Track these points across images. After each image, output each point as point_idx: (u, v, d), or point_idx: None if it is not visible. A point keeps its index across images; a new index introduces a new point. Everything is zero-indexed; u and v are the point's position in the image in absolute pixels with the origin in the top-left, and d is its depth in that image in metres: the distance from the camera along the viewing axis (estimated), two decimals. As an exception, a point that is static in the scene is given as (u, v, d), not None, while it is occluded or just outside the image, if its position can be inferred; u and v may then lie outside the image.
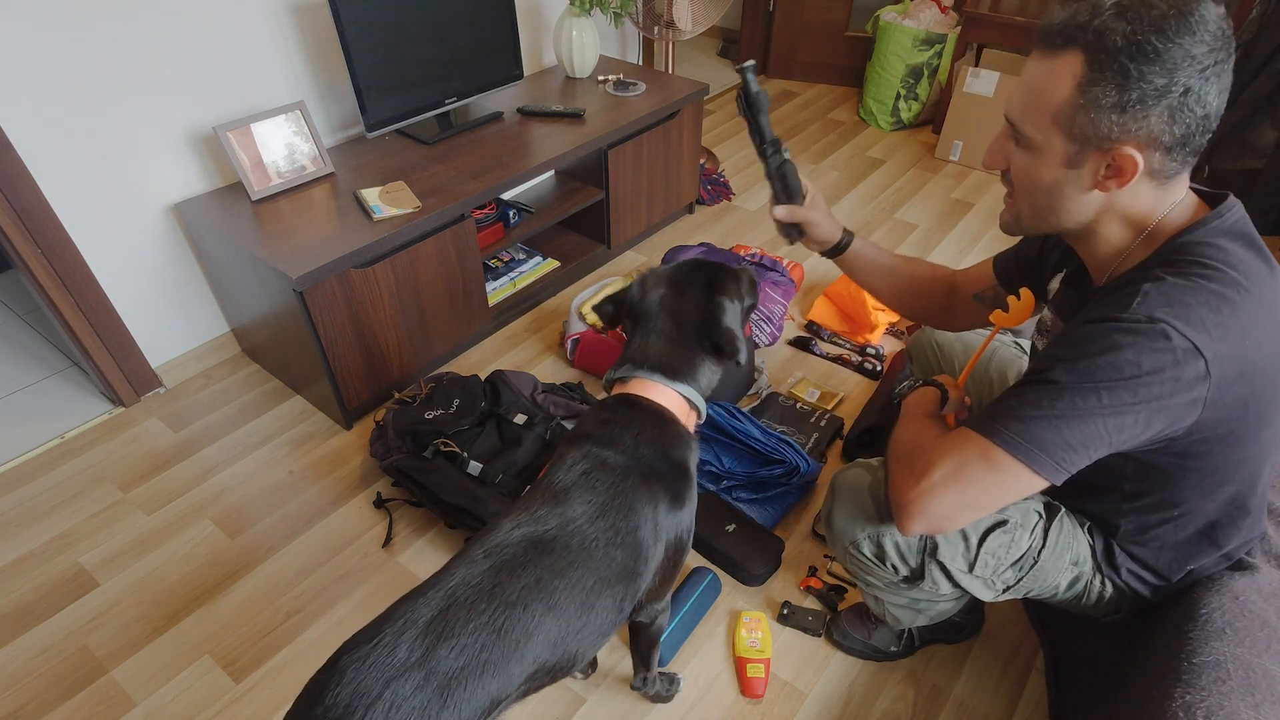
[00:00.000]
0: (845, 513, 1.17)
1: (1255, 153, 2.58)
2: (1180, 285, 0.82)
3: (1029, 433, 0.85)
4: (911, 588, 1.18)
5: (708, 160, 3.21)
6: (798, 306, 2.45)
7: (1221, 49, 0.78)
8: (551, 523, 0.98)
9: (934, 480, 0.91)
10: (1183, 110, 0.78)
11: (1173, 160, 0.83)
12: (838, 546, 1.21)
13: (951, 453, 0.91)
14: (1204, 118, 0.80)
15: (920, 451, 0.96)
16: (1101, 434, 0.84)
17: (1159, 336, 0.80)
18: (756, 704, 1.45)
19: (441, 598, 0.89)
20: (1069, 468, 0.86)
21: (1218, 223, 0.87)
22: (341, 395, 1.93)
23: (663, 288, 1.19)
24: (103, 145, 1.77)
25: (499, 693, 0.88)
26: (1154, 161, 0.83)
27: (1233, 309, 0.81)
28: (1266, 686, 0.93)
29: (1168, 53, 0.76)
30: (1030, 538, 1.10)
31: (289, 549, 1.73)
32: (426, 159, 2.12)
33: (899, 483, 0.97)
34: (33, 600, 1.62)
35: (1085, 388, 0.83)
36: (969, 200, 3.01)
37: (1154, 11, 0.77)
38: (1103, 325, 0.84)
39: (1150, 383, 0.81)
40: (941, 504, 0.91)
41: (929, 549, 1.12)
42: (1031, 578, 1.11)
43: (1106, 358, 0.82)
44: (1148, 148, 0.81)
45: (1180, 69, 0.77)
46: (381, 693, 0.81)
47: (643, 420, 1.10)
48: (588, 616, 0.97)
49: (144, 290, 2.00)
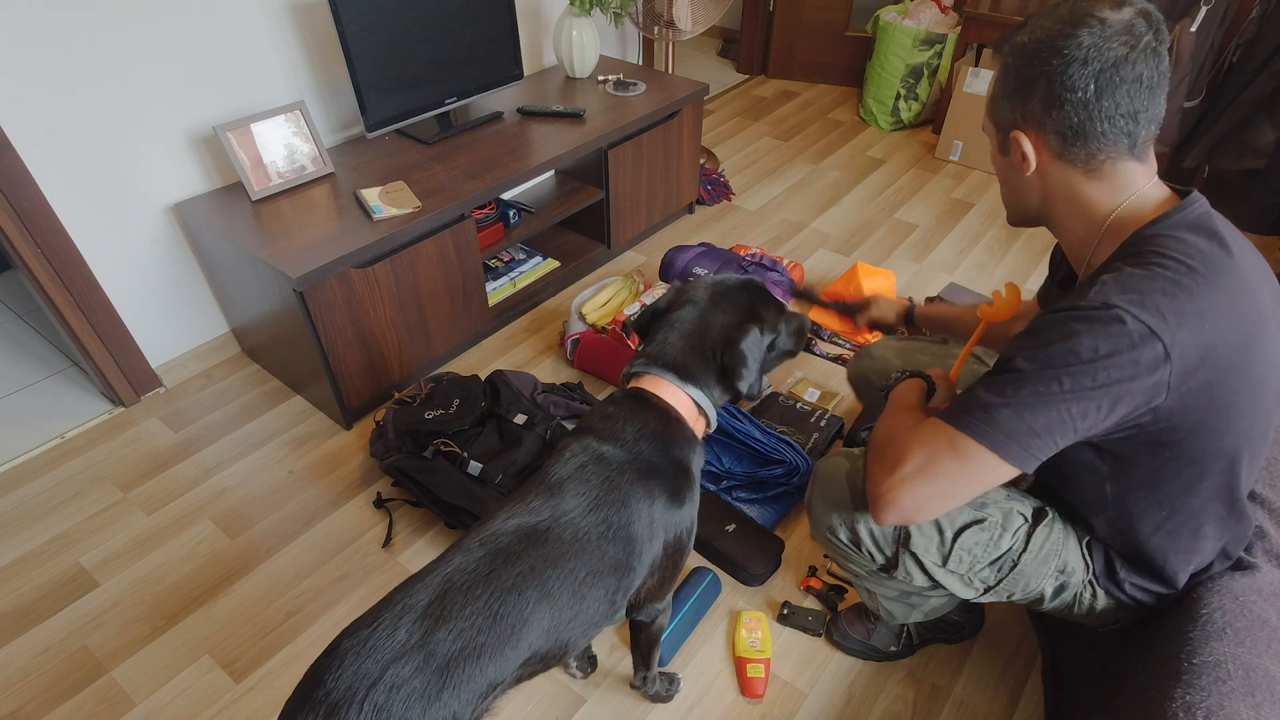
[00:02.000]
0: (823, 499, 1.19)
1: (1255, 153, 2.58)
2: (1136, 274, 0.85)
3: (994, 420, 0.87)
4: (889, 577, 1.19)
5: (708, 160, 3.22)
6: (798, 307, 2.46)
7: (1121, 45, 0.85)
8: (545, 514, 0.99)
9: (905, 472, 0.93)
10: (1057, 97, 0.88)
11: (1075, 146, 0.90)
12: (818, 532, 1.23)
13: (922, 444, 0.93)
14: (1084, 105, 0.87)
15: (893, 443, 0.97)
16: (1065, 419, 0.86)
17: (1113, 321, 0.82)
18: (756, 704, 1.45)
19: (439, 583, 0.90)
20: (1037, 454, 0.88)
21: (1179, 216, 0.90)
22: (341, 395, 1.93)
23: (703, 292, 1.18)
24: (103, 145, 1.78)
25: (496, 677, 0.89)
26: (1054, 145, 0.91)
27: (1188, 295, 0.83)
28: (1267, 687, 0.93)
29: (1038, 50, 0.88)
30: (1011, 539, 1.10)
31: (289, 549, 1.73)
32: (426, 159, 2.12)
33: (873, 474, 0.99)
34: (33, 600, 1.62)
35: (1046, 374, 0.85)
36: (969, 200, 3.01)
37: (1046, 19, 0.89)
38: (1062, 314, 0.86)
39: (1108, 367, 0.82)
40: (912, 495, 0.93)
41: (902, 539, 1.13)
42: (1011, 580, 1.12)
43: (1065, 344, 0.84)
44: (1036, 131, 0.92)
45: (1046, 61, 0.87)
46: (381, 674, 0.82)
47: (646, 416, 1.10)
48: (579, 606, 0.97)
49: (144, 290, 2.00)
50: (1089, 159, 0.91)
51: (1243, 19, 2.55)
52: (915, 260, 2.67)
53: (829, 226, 2.86)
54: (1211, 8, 2.48)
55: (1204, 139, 2.69)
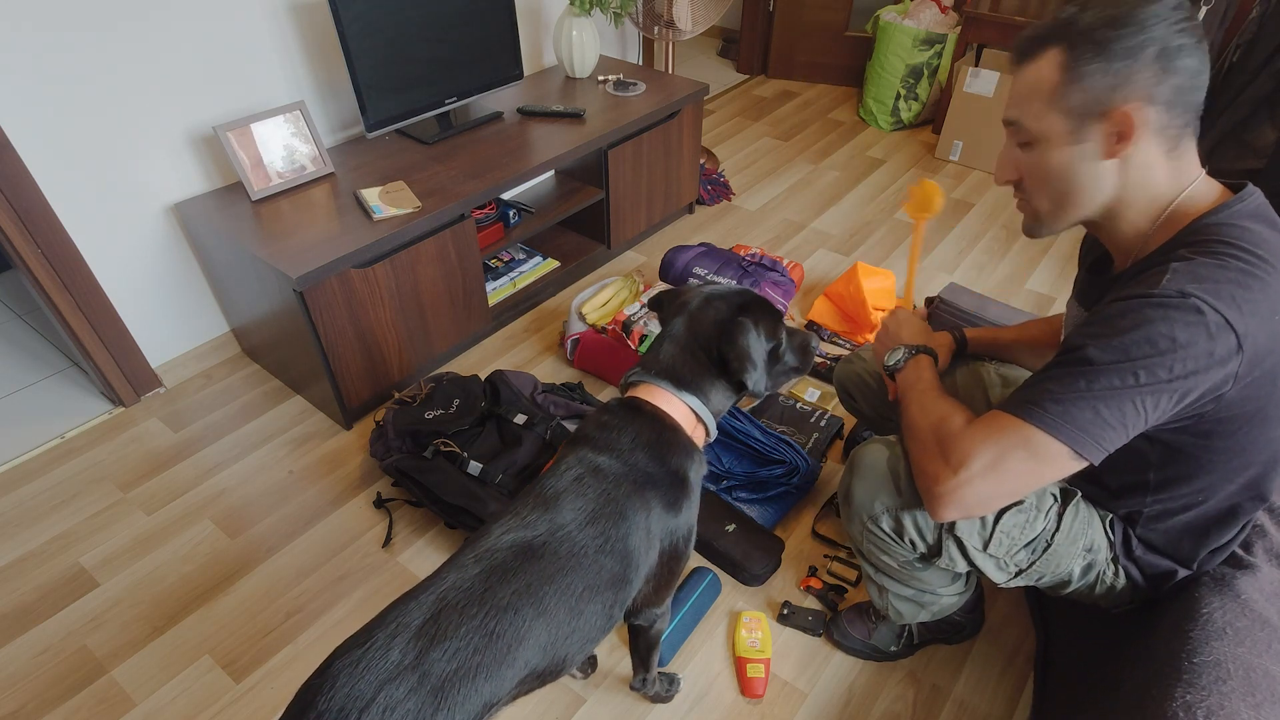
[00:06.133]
0: (865, 487, 1.17)
1: (1255, 153, 2.58)
2: (1208, 263, 0.84)
3: (1069, 414, 0.86)
4: (926, 567, 1.18)
5: (708, 160, 3.21)
6: (798, 306, 2.45)
7: (1184, 11, 0.84)
8: (541, 528, 0.97)
9: (973, 470, 0.91)
10: (1168, 60, 0.83)
11: (1174, 117, 0.86)
12: (855, 522, 1.20)
13: (988, 441, 0.91)
14: (1192, 72, 0.84)
15: (953, 439, 0.95)
16: (1139, 411, 0.85)
17: (1191, 310, 0.81)
18: (756, 704, 1.45)
19: (433, 601, 0.88)
20: (1108, 447, 0.87)
21: (1240, 206, 0.89)
22: (341, 395, 1.93)
23: (695, 298, 1.17)
24: (103, 145, 1.78)
25: (491, 696, 0.87)
26: (1155, 118, 0.86)
27: (1261, 285, 0.83)
28: (1267, 687, 0.93)
29: (1134, 15, 0.83)
30: (1045, 520, 1.10)
31: (289, 549, 1.73)
32: (426, 159, 2.12)
33: (932, 470, 0.96)
34: (33, 600, 1.62)
35: (1122, 366, 0.84)
36: (969, 200, 3.01)
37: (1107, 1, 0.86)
38: (1134, 301, 0.85)
39: (1185, 358, 0.82)
40: (979, 493, 0.92)
41: (947, 524, 1.11)
42: (1044, 561, 1.11)
43: (1140, 332, 0.83)
44: (1144, 103, 0.85)
45: (1151, 26, 0.83)
46: (375, 696, 0.80)
47: (641, 425, 1.08)
48: (577, 622, 0.96)
49: (144, 290, 2.00)
50: (1180, 130, 0.88)
51: (1243, 19, 2.55)
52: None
53: (829, 226, 2.86)
54: (1211, 8, 2.48)
55: (1204, 139, 2.68)
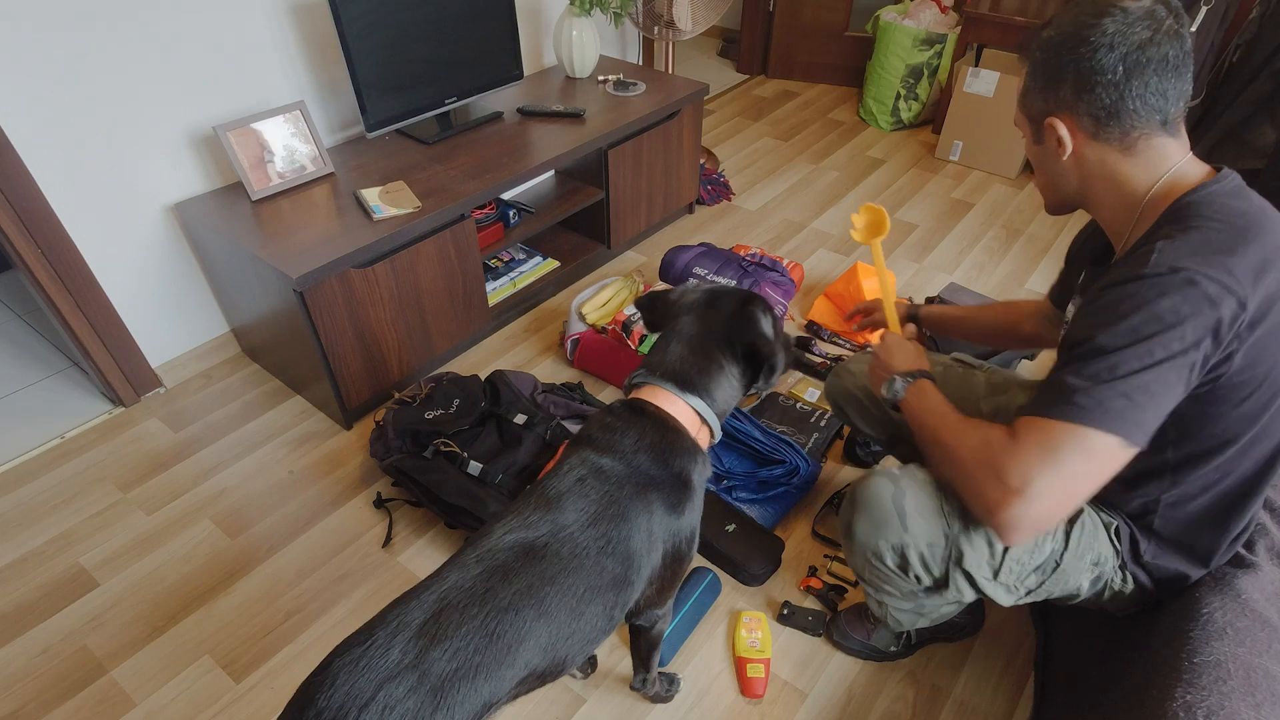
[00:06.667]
0: (868, 523, 1.15)
1: (1255, 153, 2.58)
2: (1194, 237, 0.88)
3: (1103, 404, 0.86)
4: (931, 597, 1.17)
5: (708, 160, 3.22)
6: (798, 306, 2.45)
7: (1144, 29, 0.89)
8: (543, 529, 0.97)
9: (1038, 488, 0.89)
10: (1087, 81, 0.92)
11: (1110, 126, 0.94)
12: (857, 557, 1.19)
13: (1040, 451, 0.89)
14: (1114, 86, 0.91)
15: (1003, 459, 0.92)
16: (1169, 384, 0.86)
17: (1186, 284, 0.84)
18: (756, 704, 1.45)
19: (434, 601, 0.88)
20: (1149, 427, 0.88)
21: (1217, 186, 0.93)
22: (341, 395, 1.93)
23: (696, 299, 1.18)
24: (103, 145, 1.78)
25: (491, 696, 0.87)
26: (1086, 127, 0.95)
27: (1244, 248, 0.87)
28: (1267, 686, 0.93)
29: (1065, 41, 0.93)
30: (1053, 541, 1.09)
31: (289, 549, 1.73)
32: (426, 159, 2.12)
33: (993, 497, 0.92)
34: (33, 600, 1.62)
35: (1137, 346, 0.85)
36: (969, 200, 3.01)
37: (1071, 13, 0.94)
38: (1129, 285, 0.87)
39: (1194, 326, 0.84)
40: (1046, 507, 0.90)
41: (954, 558, 1.10)
42: (1054, 581, 1.11)
43: (1145, 312, 0.85)
44: (1069, 115, 0.96)
45: (1074, 50, 0.92)
46: (374, 695, 0.80)
47: (645, 427, 1.08)
48: (577, 623, 0.96)
49: (144, 290, 2.00)
50: (1124, 136, 0.94)
51: (1243, 19, 2.55)
52: (915, 260, 2.67)
53: (829, 226, 2.86)
54: (1211, 8, 2.48)
55: (1204, 139, 2.68)
